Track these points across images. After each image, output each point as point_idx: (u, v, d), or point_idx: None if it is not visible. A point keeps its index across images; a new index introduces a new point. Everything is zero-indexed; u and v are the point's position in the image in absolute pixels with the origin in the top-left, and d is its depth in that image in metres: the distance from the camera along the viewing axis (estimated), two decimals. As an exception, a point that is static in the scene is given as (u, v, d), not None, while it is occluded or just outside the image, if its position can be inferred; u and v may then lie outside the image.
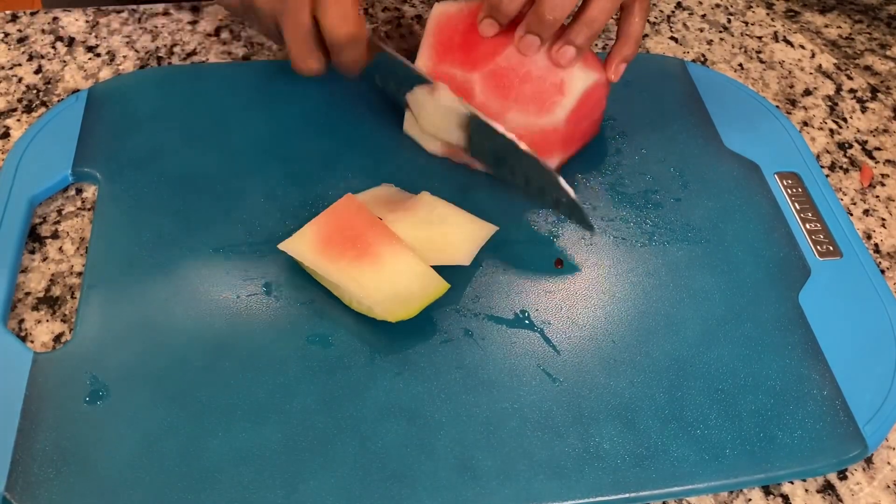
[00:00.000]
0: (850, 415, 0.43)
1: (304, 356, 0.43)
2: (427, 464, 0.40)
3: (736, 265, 0.49)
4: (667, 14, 0.67)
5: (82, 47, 0.58)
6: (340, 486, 0.38)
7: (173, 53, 0.58)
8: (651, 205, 0.52)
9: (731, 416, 0.42)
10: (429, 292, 0.43)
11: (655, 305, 0.47)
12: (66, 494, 0.37)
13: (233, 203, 0.49)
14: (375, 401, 0.41)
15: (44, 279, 0.46)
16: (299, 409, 0.41)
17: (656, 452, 0.41)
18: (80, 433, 0.39)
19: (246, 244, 0.47)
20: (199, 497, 0.38)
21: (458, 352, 0.44)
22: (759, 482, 0.41)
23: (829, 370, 0.45)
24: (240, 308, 0.44)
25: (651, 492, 0.40)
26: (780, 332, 0.46)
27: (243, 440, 0.40)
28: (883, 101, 0.63)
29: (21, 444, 0.38)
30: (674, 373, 0.44)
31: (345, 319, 0.44)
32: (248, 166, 0.51)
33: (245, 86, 0.55)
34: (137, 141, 0.51)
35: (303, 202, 0.49)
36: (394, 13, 0.64)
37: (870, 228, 0.54)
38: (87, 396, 0.40)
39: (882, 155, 0.59)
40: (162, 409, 0.40)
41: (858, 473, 0.43)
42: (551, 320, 0.46)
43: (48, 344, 0.43)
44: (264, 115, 0.54)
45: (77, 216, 0.49)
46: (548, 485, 0.39)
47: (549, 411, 0.42)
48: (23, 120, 0.53)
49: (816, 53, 0.66)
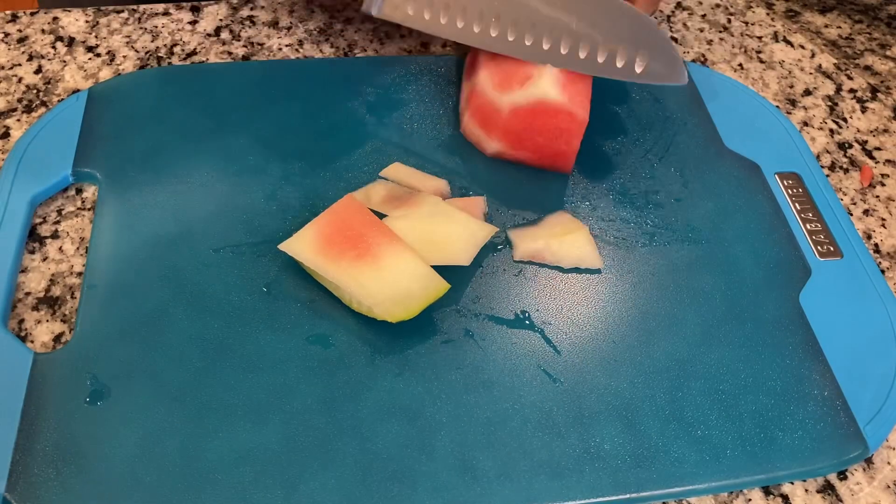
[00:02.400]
0: (851, 415, 0.43)
1: (304, 356, 0.43)
2: (427, 464, 0.39)
3: (736, 265, 0.49)
4: (667, 14, 0.67)
5: (82, 47, 0.58)
6: (340, 486, 0.38)
7: (173, 53, 0.58)
8: (651, 205, 0.52)
9: (731, 417, 0.42)
10: (429, 293, 0.43)
11: (656, 305, 0.47)
12: (66, 494, 0.37)
13: (233, 203, 0.49)
14: (375, 401, 0.41)
15: (44, 279, 0.46)
16: (299, 409, 0.41)
17: (656, 453, 0.41)
18: (80, 433, 0.39)
19: (246, 244, 0.47)
20: (199, 497, 0.38)
21: (459, 352, 0.44)
22: (759, 483, 0.41)
23: (830, 370, 0.45)
24: (240, 308, 0.44)
25: (651, 492, 0.40)
26: (780, 332, 0.46)
27: (243, 440, 0.40)
28: (883, 101, 0.63)
29: (21, 444, 0.38)
30: (674, 373, 0.44)
31: (345, 319, 0.44)
32: (248, 166, 0.51)
33: (245, 86, 0.55)
34: (137, 141, 0.51)
35: (303, 202, 0.49)
36: (394, 13, 0.64)
37: (870, 228, 0.54)
38: (87, 396, 0.40)
39: (882, 155, 0.59)
40: (162, 409, 0.40)
41: (858, 473, 0.43)
42: (552, 320, 0.45)
43: (48, 344, 0.43)
44: (264, 115, 0.54)
45: (77, 216, 0.49)
46: (548, 485, 0.39)
47: (549, 411, 0.42)
48: (23, 120, 0.53)
49: (816, 53, 0.66)
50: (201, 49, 0.59)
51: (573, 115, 0.49)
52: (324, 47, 0.60)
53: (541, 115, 0.49)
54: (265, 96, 0.55)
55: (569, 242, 0.48)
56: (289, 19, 0.62)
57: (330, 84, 0.56)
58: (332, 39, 0.61)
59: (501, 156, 0.52)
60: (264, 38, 0.60)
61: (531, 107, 0.49)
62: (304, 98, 0.55)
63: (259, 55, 0.59)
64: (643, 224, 0.51)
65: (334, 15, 0.63)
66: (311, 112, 0.54)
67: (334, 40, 0.61)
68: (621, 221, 0.51)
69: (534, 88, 0.48)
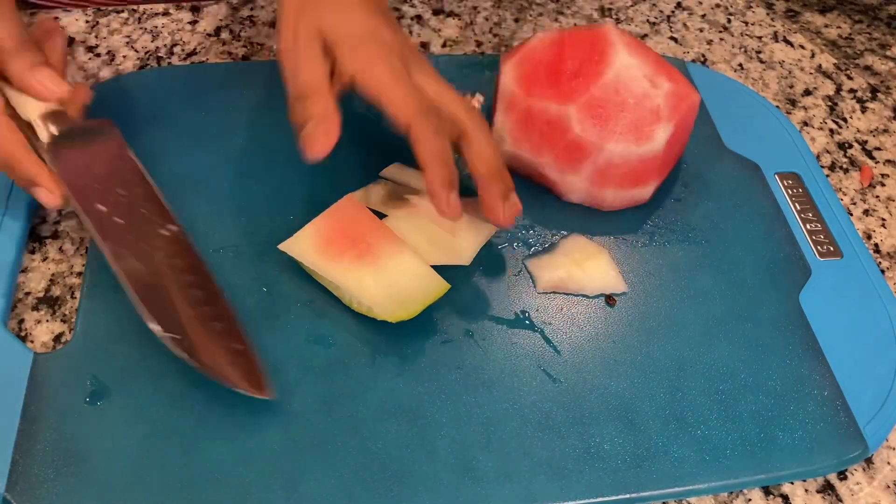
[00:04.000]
0: (851, 415, 0.43)
1: (304, 356, 0.43)
2: (427, 464, 0.39)
3: (736, 265, 0.49)
4: (667, 14, 0.67)
5: (82, 47, 0.58)
6: (340, 486, 0.38)
7: (173, 53, 0.58)
8: (651, 205, 0.52)
9: (731, 417, 0.42)
10: (429, 293, 0.43)
11: (656, 306, 0.47)
12: (66, 494, 0.37)
13: (233, 203, 0.49)
14: (375, 401, 0.41)
15: (44, 279, 0.46)
16: (299, 409, 0.41)
17: (657, 453, 0.41)
18: (80, 433, 0.39)
19: (246, 244, 0.47)
20: (199, 497, 0.38)
21: (459, 352, 0.44)
22: (759, 483, 0.41)
23: (830, 370, 0.45)
24: (240, 308, 0.44)
25: (651, 492, 0.40)
26: (780, 332, 0.46)
27: (243, 440, 0.39)
28: (883, 101, 0.63)
29: (21, 444, 0.38)
30: (674, 373, 0.44)
31: (345, 319, 0.44)
32: (248, 166, 0.51)
33: (245, 86, 0.55)
34: (137, 141, 0.51)
35: (303, 202, 0.49)
36: (394, 13, 0.64)
37: (870, 228, 0.54)
38: (87, 396, 0.40)
39: (882, 155, 0.59)
40: (162, 409, 0.40)
41: (858, 473, 0.43)
42: (552, 320, 0.45)
43: (48, 344, 0.43)
44: (264, 115, 0.54)
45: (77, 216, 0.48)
46: (548, 485, 0.39)
47: (549, 412, 0.42)
48: (23, 120, 0.53)
49: (816, 53, 0.66)
50: (201, 49, 0.59)
51: (694, 102, 0.50)
52: (324, 47, 0.60)
53: (681, 126, 0.49)
54: (265, 96, 0.55)
55: (591, 268, 0.47)
56: (289, 19, 0.62)
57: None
58: (332, 39, 0.61)
59: (582, 199, 0.51)
60: (264, 38, 0.60)
61: (677, 126, 0.48)
62: (304, 98, 0.55)
63: (259, 55, 0.59)
64: (643, 224, 0.51)
65: (334, 15, 0.63)
66: (311, 112, 0.54)
67: (334, 40, 0.61)
68: (622, 221, 0.51)
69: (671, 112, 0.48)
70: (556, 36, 0.50)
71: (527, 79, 0.49)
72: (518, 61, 0.50)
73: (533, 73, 0.49)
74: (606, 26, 0.49)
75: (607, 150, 0.47)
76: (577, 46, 0.49)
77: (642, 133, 0.47)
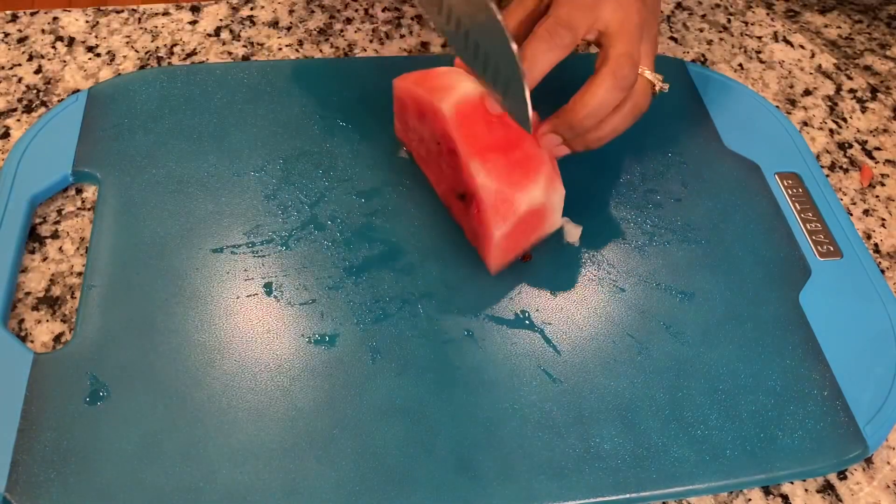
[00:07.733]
0: (851, 415, 0.43)
1: (304, 356, 0.43)
2: (427, 464, 0.40)
3: (736, 265, 0.49)
4: (667, 14, 0.67)
5: (82, 47, 0.58)
6: (340, 487, 0.38)
7: (173, 53, 0.58)
8: (651, 205, 0.52)
9: (731, 417, 0.42)
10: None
11: (656, 305, 0.47)
12: (66, 494, 0.37)
13: (233, 203, 0.49)
14: (375, 401, 0.41)
15: (44, 279, 0.46)
16: (299, 409, 0.41)
17: (656, 453, 0.41)
18: (80, 433, 0.39)
19: (246, 244, 0.47)
20: (199, 497, 0.38)
21: (459, 352, 0.44)
22: (759, 483, 0.41)
23: (830, 370, 0.45)
24: (240, 308, 0.44)
25: (651, 492, 0.40)
26: (780, 332, 0.46)
27: (243, 440, 0.40)
28: (883, 101, 0.63)
29: (21, 444, 0.38)
30: (674, 373, 0.44)
31: (345, 319, 0.44)
32: (248, 166, 0.51)
33: (245, 86, 0.55)
34: (137, 141, 0.51)
35: (303, 202, 0.49)
36: (394, 13, 0.64)
37: (870, 228, 0.54)
38: (87, 396, 0.40)
39: (882, 155, 0.59)
40: (162, 409, 0.40)
41: (858, 473, 0.43)
42: (552, 321, 0.46)
43: (48, 344, 0.43)
44: (264, 114, 0.54)
45: (77, 216, 0.49)
46: (548, 485, 0.39)
47: (549, 412, 0.42)
48: (23, 120, 0.53)
49: (816, 53, 0.66)
50: (201, 49, 0.59)
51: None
52: (324, 47, 0.60)
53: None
54: (265, 96, 0.55)
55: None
56: (289, 19, 0.62)
57: (330, 84, 0.56)
58: (332, 39, 0.61)
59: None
60: (264, 38, 0.60)
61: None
62: (304, 98, 0.55)
63: (259, 55, 0.59)
64: (643, 224, 0.51)
65: (334, 15, 0.63)
66: (311, 112, 0.54)
67: (334, 40, 0.61)
68: (621, 221, 0.51)
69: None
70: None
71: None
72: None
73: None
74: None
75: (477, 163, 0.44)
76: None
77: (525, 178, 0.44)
